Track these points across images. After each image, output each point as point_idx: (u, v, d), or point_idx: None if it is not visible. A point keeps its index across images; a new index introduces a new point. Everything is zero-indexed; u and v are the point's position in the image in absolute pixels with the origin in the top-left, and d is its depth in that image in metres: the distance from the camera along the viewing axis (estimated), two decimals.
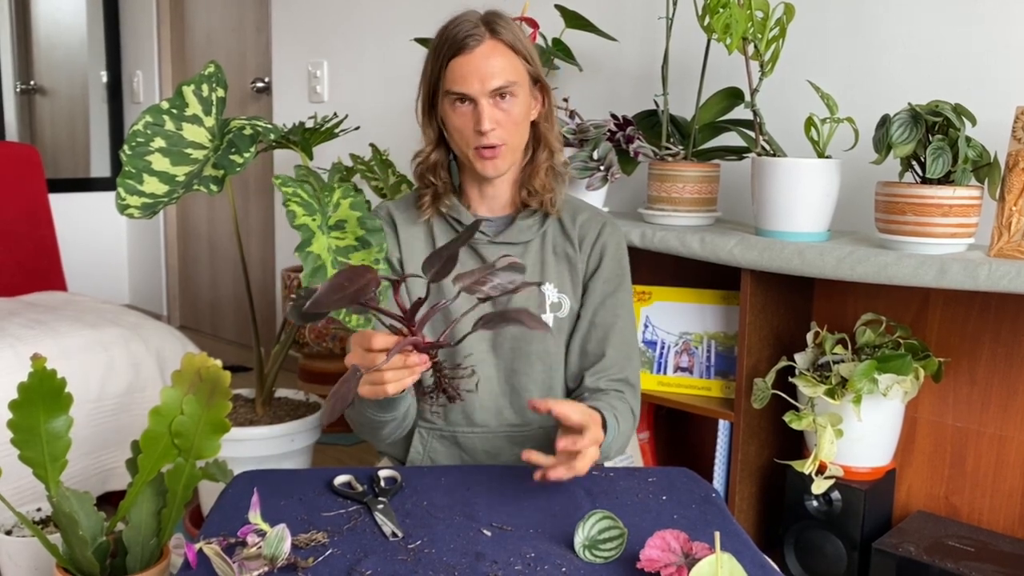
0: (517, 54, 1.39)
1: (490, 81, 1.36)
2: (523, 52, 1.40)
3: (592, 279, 1.48)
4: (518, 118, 1.40)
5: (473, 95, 1.36)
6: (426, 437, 1.50)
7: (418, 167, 1.48)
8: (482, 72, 1.35)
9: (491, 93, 1.36)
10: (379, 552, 1.07)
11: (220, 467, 1.33)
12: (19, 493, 1.74)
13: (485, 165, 1.40)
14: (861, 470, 1.69)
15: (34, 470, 1.19)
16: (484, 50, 1.36)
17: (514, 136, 1.41)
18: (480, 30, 1.37)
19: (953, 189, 1.52)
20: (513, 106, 1.38)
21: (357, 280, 1.04)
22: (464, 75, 1.36)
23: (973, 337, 1.73)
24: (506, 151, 1.40)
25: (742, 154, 1.95)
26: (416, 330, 1.12)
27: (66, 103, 4.44)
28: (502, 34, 1.38)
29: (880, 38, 1.88)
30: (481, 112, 1.36)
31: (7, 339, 2.06)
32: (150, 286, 4.42)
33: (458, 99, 1.38)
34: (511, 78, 1.37)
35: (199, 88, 1.72)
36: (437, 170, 1.46)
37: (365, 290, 1.05)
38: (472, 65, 1.36)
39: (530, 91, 1.42)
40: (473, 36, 1.36)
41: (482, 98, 1.36)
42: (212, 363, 1.21)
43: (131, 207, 1.54)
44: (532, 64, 1.42)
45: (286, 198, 1.46)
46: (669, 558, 1.01)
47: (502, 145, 1.39)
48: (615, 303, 1.47)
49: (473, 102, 1.37)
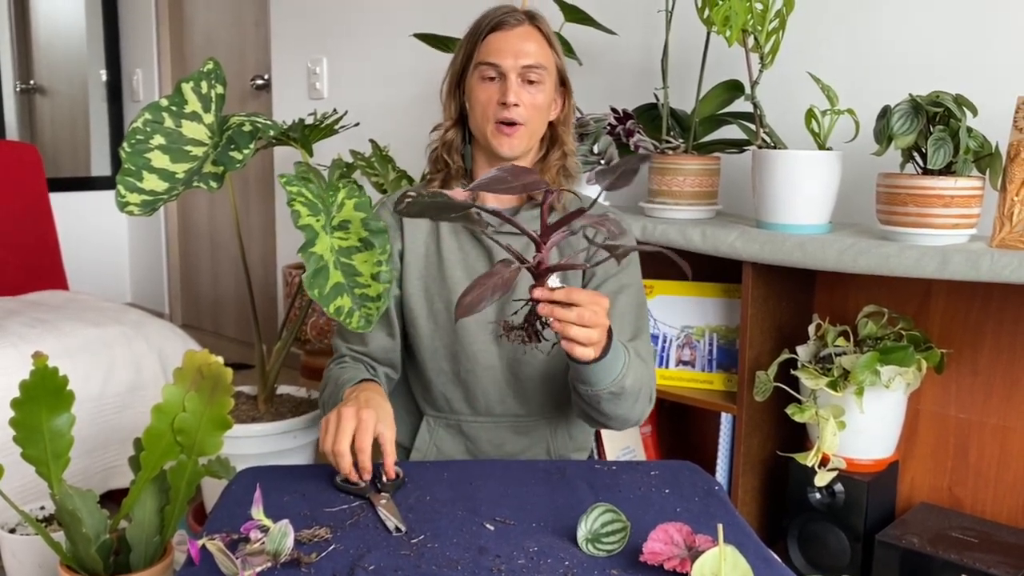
0: (551, 47, 1.46)
1: (523, 58, 1.42)
2: (555, 48, 1.47)
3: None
4: (541, 104, 1.44)
5: (504, 69, 1.42)
6: (432, 425, 1.52)
7: (433, 148, 1.52)
8: (516, 48, 1.42)
9: (521, 72, 1.42)
10: (382, 547, 1.07)
11: (223, 464, 1.34)
12: (22, 491, 1.74)
13: (501, 142, 1.43)
14: (864, 462, 1.69)
15: (37, 468, 1.19)
16: (522, 31, 1.44)
17: (534, 120, 1.44)
18: (520, 15, 1.45)
19: (954, 180, 1.52)
20: (538, 92, 1.43)
21: (522, 176, 1.05)
22: (499, 48, 1.42)
23: (975, 328, 1.73)
24: (524, 132, 1.43)
25: (743, 147, 1.94)
26: (544, 252, 1.10)
27: (66, 102, 4.44)
28: (540, 24, 1.46)
29: (880, 29, 1.87)
30: (508, 86, 1.41)
31: (9, 338, 2.06)
32: (151, 284, 4.42)
33: (488, 73, 1.43)
34: (542, 62, 1.43)
35: (198, 85, 1.71)
36: (452, 152, 1.50)
37: (533, 185, 1.05)
38: (508, 41, 1.43)
39: (555, 87, 1.48)
40: (514, 16, 1.44)
41: (512, 73, 1.42)
42: (214, 360, 1.21)
43: (131, 204, 1.54)
44: (561, 62, 1.48)
45: (290, 197, 1.45)
46: (672, 551, 1.00)
47: (521, 125, 1.42)
48: (616, 285, 1.46)
49: (502, 78, 1.42)
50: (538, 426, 1.51)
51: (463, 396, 1.49)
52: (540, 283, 1.11)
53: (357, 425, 1.21)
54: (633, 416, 1.37)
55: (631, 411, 1.35)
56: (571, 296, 1.12)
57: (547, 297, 1.11)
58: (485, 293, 1.01)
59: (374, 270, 1.44)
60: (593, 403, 1.32)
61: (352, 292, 1.42)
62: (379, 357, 1.49)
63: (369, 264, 1.45)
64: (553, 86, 1.47)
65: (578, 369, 1.27)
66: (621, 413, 1.34)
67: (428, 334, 1.48)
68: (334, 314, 1.39)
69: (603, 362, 1.24)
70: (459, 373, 1.48)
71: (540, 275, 1.11)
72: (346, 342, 1.51)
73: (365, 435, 1.20)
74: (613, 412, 1.33)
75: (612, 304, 1.43)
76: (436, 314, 1.47)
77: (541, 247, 1.09)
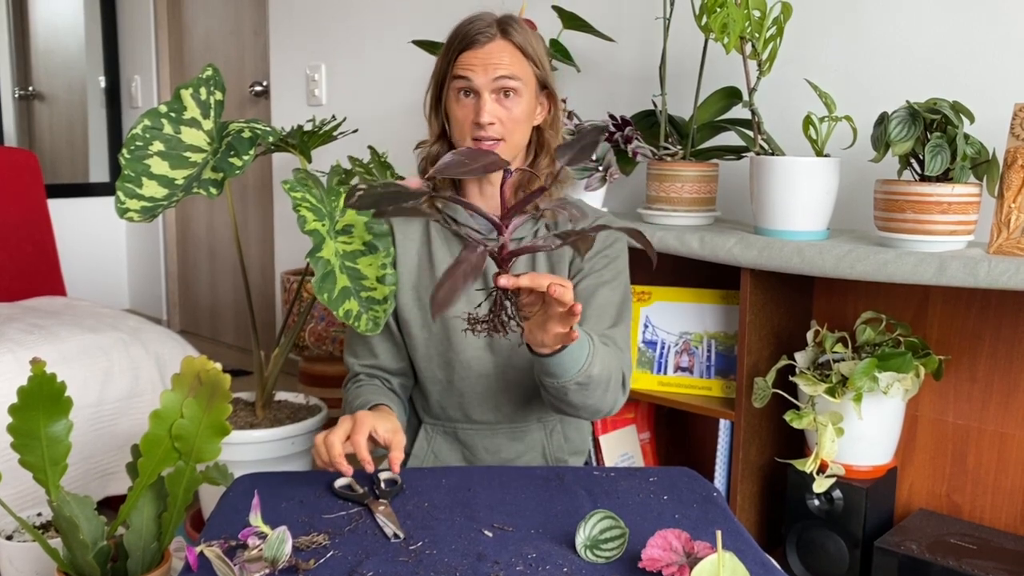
0: (526, 57, 1.42)
1: (494, 71, 1.39)
2: (532, 56, 1.43)
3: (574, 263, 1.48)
4: (519, 117, 1.41)
5: (477, 86, 1.39)
6: (430, 433, 1.52)
7: (420, 161, 1.51)
8: (487, 63, 1.39)
9: (494, 87, 1.39)
10: (380, 553, 1.07)
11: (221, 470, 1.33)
12: (19, 498, 1.74)
13: None
14: (862, 468, 1.69)
15: (34, 474, 1.19)
16: (493, 47, 1.40)
17: (514, 134, 1.42)
18: (492, 29, 1.41)
19: (952, 186, 1.52)
20: (515, 105, 1.41)
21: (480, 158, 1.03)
22: (471, 64, 1.40)
23: (973, 334, 1.73)
24: (504, 148, 1.41)
25: (741, 153, 1.95)
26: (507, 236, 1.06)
27: (64, 108, 4.44)
28: (513, 36, 1.42)
29: (878, 36, 1.88)
30: (482, 105, 1.39)
31: (6, 344, 2.06)
32: (150, 290, 4.41)
33: (463, 90, 1.41)
34: (516, 73, 1.40)
35: (197, 91, 1.72)
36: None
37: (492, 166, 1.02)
38: (479, 57, 1.40)
39: (536, 94, 1.45)
40: (484, 33, 1.41)
41: (485, 91, 1.39)
42: (212, 366, 1.21)
43: (130, 211, 1.54)
44: (541, 69, 1.44)
45: (296, 203, 1.46)
46: (671, 557, 1.00)
47: (500, 140, 1.41)
48: (598, 280, 1.45)
49: (476, 95, 1.40)
50: (533, 430, 1.51)
51: (458, 403, 1.49)
52: (504, 270, 1.06)
53: (353, 425, 1.21)
54: (604, 406, 1.34)
55: (601, 401, 1.32)
56: (536, 281, 1.08)
57: (512, 285, 1.06)
58: (457, 283, 0.96)
59: (379, 273, 1.45)
60: (560, 395, 1.28)
61: (359, 296, 1.42)
62: (391, 367, 1.50)
63: (374, 267, 1.45)
64: (532, 94, 1.43)
65: (543, 362, 1.24)
66: (591, 403, 1.31)
67: (422, 343, 1.48)
68: (343, 317, 1.39)
69: (568, 349, 1.21)
70: (453, 381, 1.48)
71: (503, 261, 1.06)
72: (357, 358, 1.52)
73: (359, 433, 1.20)
74: (582, 403, 1.30)
75: (593, 295, 1.43)
76: (429, 323, 1.47)
77: (503, 230, 1.05)
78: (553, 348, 1.19)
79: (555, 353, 1.21)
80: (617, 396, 1.36)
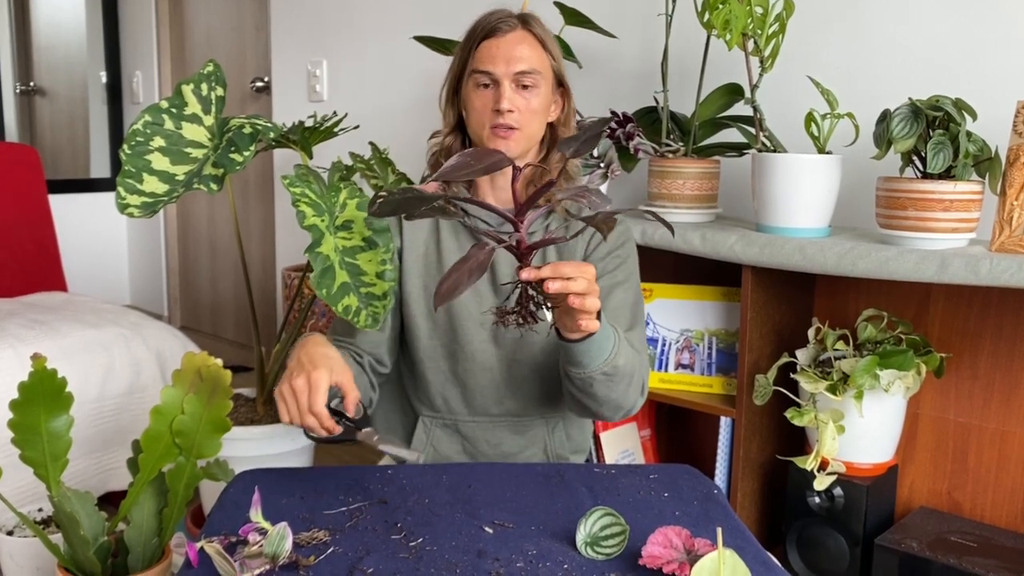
0: (545, 50, 1.45)
1: (515, 64, 1.41)
2: (551, 50, 1.46)
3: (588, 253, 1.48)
4: (537, 108, 1.44)
5: (497, 76, 1.41)
6: (429, 426, 1.52)
7: (432, 153, 1.53)
8: (508, 55, 1.42)
9: (514, 77, 1.41)
10: (381, 550, 1.07)
11: (221, 466, 1.33)
12: (20, 493, 1.74)
13: (498, 144, 1.42)
14: (863, 466, 1.69)
15: (35, 470, 1.19)
16: (514, 37, 1.43)
17: (531, 124, 1.44)
18: (513, 20, 1.44)
19: (954, 184, 1.52)
20: (533, 96, 1.43)
21: (485, 158, 1.04)
22: (492, 55, 1.42)
23: (975, 332, 1.73)
24: (520, 136, 1.43)
25: (742, 150, 1.94)
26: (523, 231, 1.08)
27: (66, 104, 4.44)
28: (533, 27, 1.45)
29: (880, 33, 1.88)
30: (502, 93, 1.41)
31: (7, 339, 2.06)
32: (151, 286, 4.42)
33: (482, 80, 1.43)
34: (535, 66, 1.43)
35: (198, 87, 1.71)
36: (450, 156, 1.49)
37: (497, 165, 1.04)
38: (500, 47, 1.42)
39: (552, 89, 1.47)
40: (506, 22, 1.44)
41: (505, 80, 1.41)
42: (213, 362, 1.21)
43: (131, 206, 1.54)
44: (558, 63, 1.47)
45: (295, 199, 1.45)
46: (671, 555, 1.00)
47: (517, 129, 1.42)
48: (612, 281, 1.45)
49: (496, 84, 1.42)
50: (535, 426, 1.51)
51: (461, 395, 1.49)
52: (525, 263, 1.09)
53: (309, 390, 1.19)
54: (627, 402, 1.35)
55: (624, 396, 1.33)
56: (558, 270, 1.10)
57: (535, 276, 1.09)
58: (461, 278, 1.00)
59: (379, 269, 1.45)
60: (586, 387, 1.29)
61: (358, 291, 1.42)
62: (365, 348, 1.50)
63: (374, 263, 1.45)
64: (550, 89, 1.46)
65: (571, 351, 1.25)
66: (615, 397, 1.32)
67: (426, 333, 1.48)
68: (342, 313, 1.39)
69: (595, 339, 1.23)
70: (457, 372, 1.48)
71: (524, 255, 1.09)
72: (334, 333, 1.52)
73: (317, 397, 1.18)
74: (606, 396, 1.31)
75: (607, 298, 1.44)
76: (434, 313, 1.47)
77: (518, 226, 1.08)
78: (583, 333, 1.21)
79: (584, 340, 1.23)
80: (637, 396, 1.38)
